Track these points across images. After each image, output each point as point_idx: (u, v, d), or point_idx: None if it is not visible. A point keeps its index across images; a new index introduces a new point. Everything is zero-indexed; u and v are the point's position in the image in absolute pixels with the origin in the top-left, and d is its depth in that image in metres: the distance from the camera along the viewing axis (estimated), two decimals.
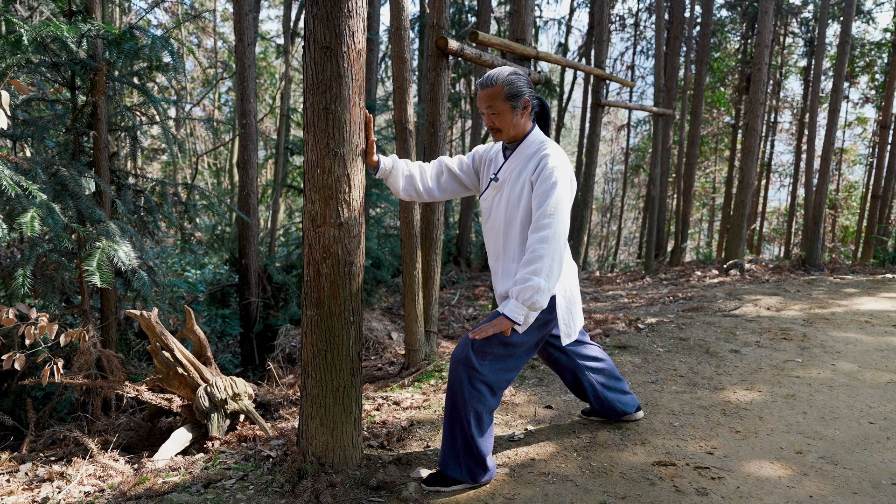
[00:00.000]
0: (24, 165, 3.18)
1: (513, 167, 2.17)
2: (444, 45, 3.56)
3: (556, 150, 2.12)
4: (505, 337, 2.09)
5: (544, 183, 2.02)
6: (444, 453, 2.18)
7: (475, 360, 2.11)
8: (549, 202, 1.99)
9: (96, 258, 3.19)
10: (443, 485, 2.18)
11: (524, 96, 2.13)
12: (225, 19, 16.58)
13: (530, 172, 2.10)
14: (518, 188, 2.13)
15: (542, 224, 1.98)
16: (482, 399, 2.12)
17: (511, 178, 2.17)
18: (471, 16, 12.92)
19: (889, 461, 2.40)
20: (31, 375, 3.46)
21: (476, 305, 7.63)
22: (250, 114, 5.89)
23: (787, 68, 17.03)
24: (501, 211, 2.20)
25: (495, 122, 2.15)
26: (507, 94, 2.10)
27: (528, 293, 1.93)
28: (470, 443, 2.14)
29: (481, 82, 2.13)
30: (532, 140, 2.18)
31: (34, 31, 3.09)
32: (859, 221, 15.21)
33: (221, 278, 7.75)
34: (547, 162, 2.05)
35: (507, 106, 2.11)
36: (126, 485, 2.33)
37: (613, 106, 7.21)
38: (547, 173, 2.03)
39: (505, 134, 2.17)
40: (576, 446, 2.55)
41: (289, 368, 4.78)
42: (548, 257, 1.94)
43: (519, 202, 2.13)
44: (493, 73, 2.12)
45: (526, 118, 2.17)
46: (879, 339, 4.22)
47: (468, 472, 2.16)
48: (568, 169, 2.08)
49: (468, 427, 2.13)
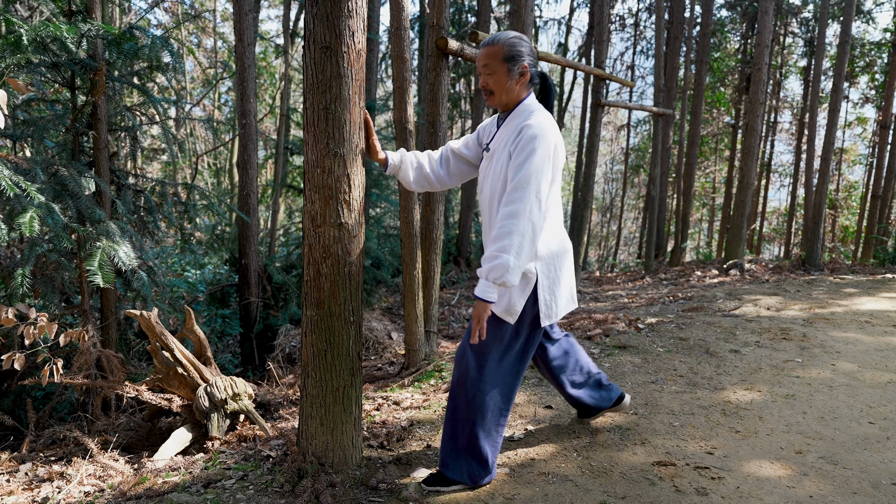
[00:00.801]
0: (23, 165, 3.18)
1: (502, 136, 2.09)
2: (444, 45, 3.56)
3: (542, 118, 2.00)
4: (498, 331, 2.06)
5: (520, 154, 1.94)
6: (445, 454, 2.17)
7: (473, 361, 2.10)
8: (521, 174, 1.90)
9: (97, 258, 3.19)
10: (442, 485, 2.17)
11: (523, 62, 2.05)
12: (225, 19, 16.58)
13: (510, 141, 2.01)
14: (503, 158, 2.05)
15: (511, 198, 1.90)
16: (486, 401, 2.10)
17: (498, 149, 2.09)
18: (471, 16, 12.92)
19: (889, 461, 2.40)
20: (31, 375, 3.46)
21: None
22: (250, 114, 5.89)
23: (787, 68, 17.04)
24: (489, 182, 2.13)
25: (489, 83, 2.08)
26: (505, 55, 2.03)
27: (498, 272, 1.87)
28: (473, 443, 2.13)
29: (483, 42, 2.08)
30: (522, 109, 2.09)
31: (34, 32, 3.09)
32: (859, 221, 15.22)
33: (221, 278, 7.75)
34: (526, 132, 1.95)
35: (504, 67, 2.04)
36: (126, 485, 2.33)
37: (613, 106, 7.21)
38: (523, 143, 1.94)
39: (497, 98, 2.10)
40: (576, 446, 2.55)
41: (289, 368, 4.78)
42: (517, 234, 1.87)
43: (502, 172, 2.04)
44: (497, 34, 2.07)
45: (522, 86, 2.09)
46: (879, 339, 4.22)
47: (468, 474, 2.15)
48: (550, 138, 1.95)
49: (472, 427, 2.12)
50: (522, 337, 2.14)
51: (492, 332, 2.08)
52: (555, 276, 2.13)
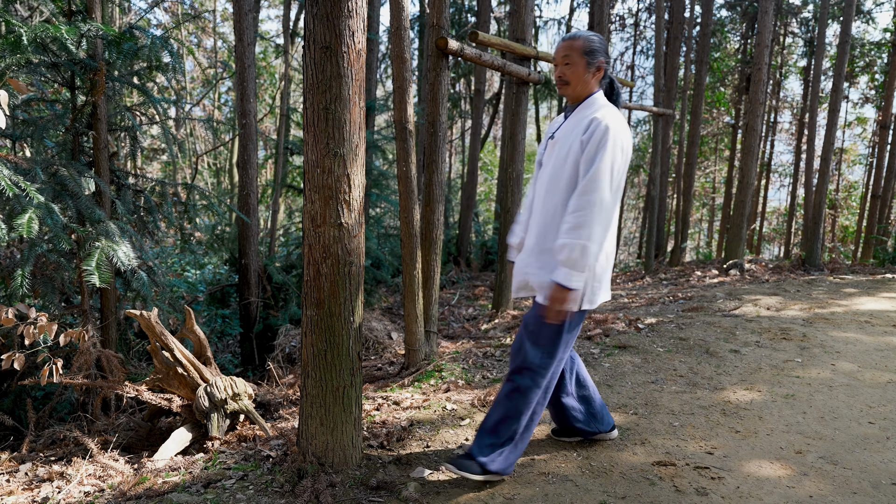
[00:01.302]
0: (23, 165, 3.18)
1: (569, 127, 2.17)
2: (444, 45, 3.56)
3: (614, 114, 2.08)
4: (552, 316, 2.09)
5: (593, 146, 2.01)
6: (487, 446, 2.17)
7: (532, 352, 2.13)
8: (596, 167, 1.98)
9: (95, 258, 3.19)
10: (474, 472, 2.15)
11: (600, 58, 2.15)
12: (225, 19, 16.58)
13: (581, 131, 2.07)
14: (567, 145, 2.12)
15: (587, 188, 1.98)
16: (538, 391, 2.15)
17: (564, 136, 2.17)
18: (471, 16, 12.92)
19: (889, 461, 2.40)
20: (31, 375, 3.46)
21: (476, 305, 7.62)
22: (250, 114, 5.89)
23: (787, 68, 17.04)
24: (549, 167, 2.20)
25: (566, 73, 2.16)
26: (586, 48, 2.13)
27: (581, 258, 1.94)
28: (517, 434, 2.17)
29: (564, 36, 2.18)
30: (592, 101, 2.17)
31: (33, 32, 3.09)
32: (859, 221, 15.22)
33: (221, 278, 7.75)
34: (599, 124, 2.02)
35: (583, 60, 2.13)
36: (126, 485, 2.33)
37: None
38: (597, 136, 2.01)
39: (572, 88, 2.17)
40: (576, 446, 2.55)
41: (289, 368, 4.78)
42: (596, 222, 1.96)
43: (566, 159, 2.11)
44: (577, 31, 2.18)
45: (595, 81, 2.18)
46: (879, 339, 4.22)
47: (506, 465, 2.19)
48: (621, 135, 2.03)
49: (519, 418, 2.15)
50: (573, 322, 2.16)
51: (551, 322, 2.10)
52: (605, 264, 2.17)
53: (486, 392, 3.15)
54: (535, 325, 2.14)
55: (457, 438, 2.65)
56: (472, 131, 10.86)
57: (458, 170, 18.46)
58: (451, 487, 2.21)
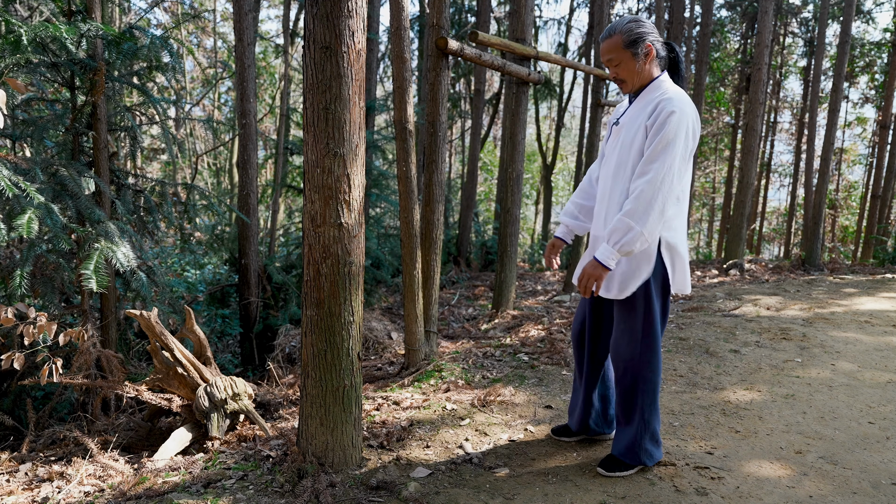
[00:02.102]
0: (23, 165, 3.18)
1: (634, 112, 2.13)
2: (444, 45, 3.56)
3: (679, 96, 2.01)
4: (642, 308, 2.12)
5: (657, 129, 1.97)
6: (629, 441, 2.24)
7: (628, 344, 2.15)
8: (656, 148, 1.95)
9: (94, 261, 3.18)
10: (622, 469, 2.25)
11: (645, 41, 2.06)
12: (225, 19, 16.58)
13: (646, 117, 2.03)
14: (633, 131, 2.08)
15: (645, 170, 1.96)
16: (654, 379, 2.19)
17: (629, 123, 2.13)
18: (470, 16, 12.92)
19: (889, 461, 2.40)
20: (31, 375, 3.46)
21: (476, 305, 7.62)
22: (250, 114, 5.89)
23: (787, 68, 17.04)
24: (615, 155, 2.16)
25: (619, 73, 2.11)
26: (625, 41, 2.06)
27: (619, 235, 1.94)
28: (648, 422, 2.22)
29: (601, 36, 2.12)
30: (655, 85, 2.10)
31: (33, 32, 3.09)
32: (859, 221, 15.22)
33: (221, 278, 7.75)
34: (665, 107, 1.97)
35: (628, 54, 2.07)
36: (126, 485, 2.33)
37: (613, 106, 7.21)
38: (662, 119, 1.96)
39: (630, 84, 2.12)
40: (575, 446, 2.55)
41: (289, 368, 4.78)
42: (645, 203, 1.93)
43: (631, 146, 2.07)
44: (612, 24, 2.11)
45: (650, 64, 2.10)
46: (879, 339, 4.22)
47: (648, 455, 2.26)
48: (688, 117, 1.98)
49: (644, 407, 2.20)
50: (658, 305, 2.17)
51: (638, 316, 2.13)
52: (676, 248, 2.15)
53: (486, 392, 3.15)
54: (627, 320, 2.16)
55: (457, 438, 2.65)
56: (472, 131, 10.86)
57: (458, 170, 18.46)
58: (452, 487, 2.21)
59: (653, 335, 2.16)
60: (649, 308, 2.13)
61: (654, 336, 2.16)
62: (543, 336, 4.42)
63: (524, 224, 21.51)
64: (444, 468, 2.36)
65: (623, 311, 2.18)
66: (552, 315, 5.33)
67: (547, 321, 5.00)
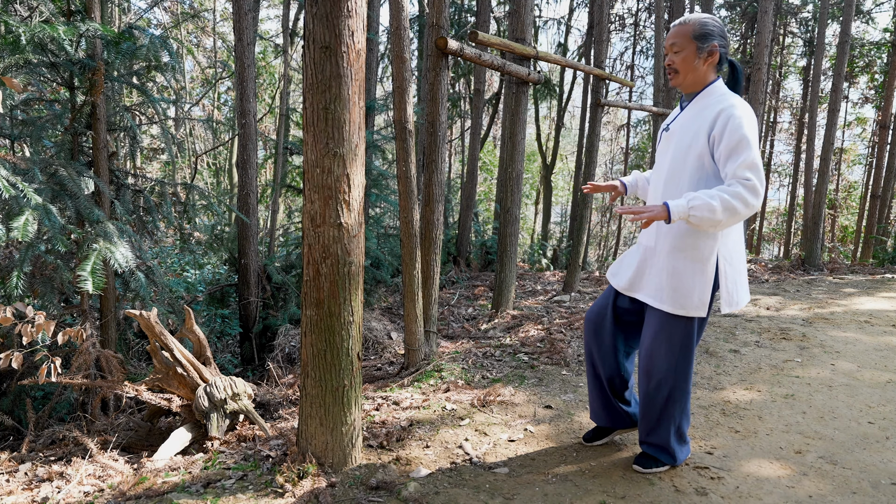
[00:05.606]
0: (21, 165, 3.17)
1: (687, 117, 2.08)
2: (444, 45, 3.56)
3: (742, 104, 1.97)
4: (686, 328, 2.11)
5: (734, 134, 1.90)
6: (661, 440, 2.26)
7: (665, 360, 2.14)
8: (749, 154, 1.88)
9: (91, 262, 3.17)
10: (657, 466, 2.30)
11: (713, 42, 2.01)
12: (224, 19, 16.58)
13: (706, 122, 1.97)
14: (688, 137, 2.03)
15: (743, 175, 1.88)
16: (688, 388, 2.20)
17: (682, 128, 2.08)
18: (470, 16, 12.91)
19: (888, 461, 2.40)
20: (31, 375, 3.46)
21: (476, 305, 7.62)
22: (250, 113, 5.89)
23: (787, 68, 17.04)
24: (667, 160, 2.12)
25: (675, 62, 2.05)
26: (695, 32, 2.00)
27: (701, 209, 1.86)
28: (680, 431, 2.27)
29: (675, 22, 2.08)
30: (712, 91, 2.05)
31: (32, 32, 3.09)
32: (859, 221, 15.22)
33: (221, 278, 7.75)
34: (733, 112, 1.92)
35: (693, 46, 2.01)
36: (125, 484, 2.32)
37: (613, 106, 7.21)
38: (735, 124, 1.90)
39: (682, 77, 2.06)
40: (575, 446, 2.55)
41: (288, 368, 4.78)
42: (737, 204, 1.85)
43: (687, 152, 2.03)
44: (690, 14, 2.07)
45: (709, 67, 2.05)
46: (878, 338, 4.22)
47: (674, 455, 2.30)
48: (755, 126, 1.93)
49: (676, 418, 2.23)
50: (696, 328, 2.16)
51: (681, 329, 2.11)
52: (734, 262, 2.13)
53: (486, 392, 3.15)
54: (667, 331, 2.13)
55: (456, 438, 2.65)
56: (472, 131, 10.85)
57: (457, 170, 18.45)
58: (452, 487, 2.21)
59: (691, 347, 2.14)
60: (691, 321, 2.12)
61: (693, 347, 2.15)
62: (543, 336, 4.42)
63: (524, 224, 21.51)
64: (443, 468, 2.36)
65: (664, 322, 2.12)
66: (552, 315, 5.32)
67: (547, 321, 5.00)
